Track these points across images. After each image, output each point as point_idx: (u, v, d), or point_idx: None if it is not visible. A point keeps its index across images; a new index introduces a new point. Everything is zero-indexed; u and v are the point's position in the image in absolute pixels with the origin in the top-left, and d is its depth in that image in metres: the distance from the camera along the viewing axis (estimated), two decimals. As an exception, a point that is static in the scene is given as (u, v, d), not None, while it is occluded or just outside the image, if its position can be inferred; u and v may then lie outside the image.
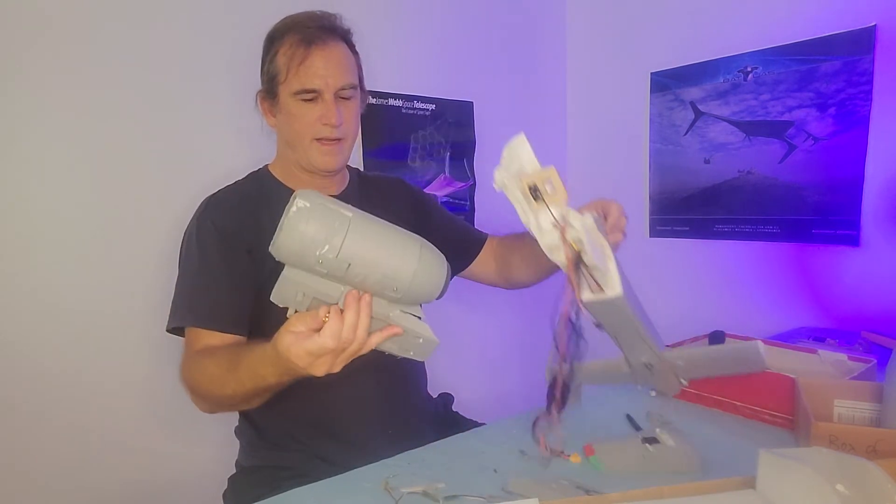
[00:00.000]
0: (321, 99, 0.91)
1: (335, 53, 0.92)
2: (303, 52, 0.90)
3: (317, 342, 0.61)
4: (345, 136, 0.95)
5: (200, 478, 1.34)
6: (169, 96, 1.28)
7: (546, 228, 0.60)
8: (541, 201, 0.60)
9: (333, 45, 0.92)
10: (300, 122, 0.92)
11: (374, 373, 0.97)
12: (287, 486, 0.77)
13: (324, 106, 0.91)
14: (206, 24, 1.32)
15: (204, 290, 0.89)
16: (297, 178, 0.99)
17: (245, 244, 0.90)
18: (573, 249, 0.59)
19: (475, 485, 0.74)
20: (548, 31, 2.08)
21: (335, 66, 0.91)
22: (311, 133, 0.93)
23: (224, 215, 0.92)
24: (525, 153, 0.62)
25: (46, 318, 1.17)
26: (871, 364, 0.98)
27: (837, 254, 1.49)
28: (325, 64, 0.90)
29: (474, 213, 1.89)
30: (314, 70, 0.90)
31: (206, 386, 0.79)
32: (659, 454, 0.77)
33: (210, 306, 0.87)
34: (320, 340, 0.61)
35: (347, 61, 0.94)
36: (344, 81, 0.92)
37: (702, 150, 1.75)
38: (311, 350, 0.61)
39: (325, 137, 0.93)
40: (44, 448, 1.18)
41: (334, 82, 0.91)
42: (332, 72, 0.91)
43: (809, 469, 0.54)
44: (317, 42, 0.90)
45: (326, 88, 0.91)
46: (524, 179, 0.60)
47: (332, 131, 0.92)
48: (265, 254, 0.65)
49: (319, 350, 0.61)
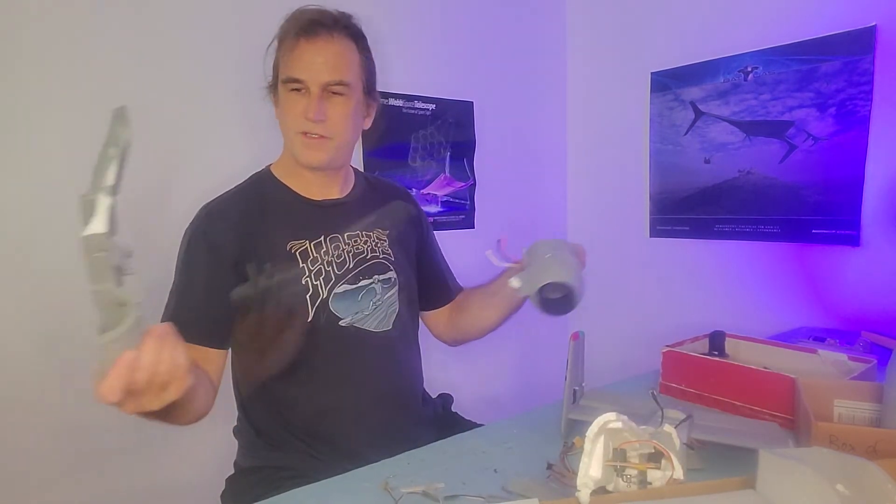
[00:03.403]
0: (306, 92, 0.91)
1: (329, 47, 0.91)
2: (292, 41, 0.90)
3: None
4: (330, 135, 0.93)
5: (199, 478, 1.33)
6: (172, 95, 1.28)
7: (590, 477, 0.60)
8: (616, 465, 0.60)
9: (328, 39, 0.91)
10: (287, 113, 0.93)
11: (371, 374, 0.98)
12: (286, 487, 0.76)
13: (308, 99, 0.91)
14: (211, 21, 1.32)
15: (185, 304, 0.90)
16: (296, 174, 0.99)
17: (232, 258, 0.90)
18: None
19: (475, 485, 0.74)
20: (548, 31, 2.08)
21: (325, 60, 0.90)
22: (296, 126, 0.92)
23: (216, 227, 0.92)
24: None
25: (45, 317, 1.17)
26: (871, 364, 0.98)
27: (837, 254, 1.49)
28: (313, 56, 0.90)
29: (474, 213, 1.89)
30: (302, 61, 0.90)
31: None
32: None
33: (190, 320, 0.86)
34: None
35: (342, 58, 0.92)
36: (332, 77, 0.91)
37: (702, 149, 1.75)
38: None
39: (307, 131, 0.92)
40: (42, 449, 1.18)
41: (320, 76, 0.90)
42: (319, 65, 0.90)
43: (809, 469, 0.54)
44: (309, 33, 0.90)
45: (312, 81, 0.90)
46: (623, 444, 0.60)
47: (313, 126, 0.91)
48: (257, 265, 0.66)
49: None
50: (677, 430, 0.63)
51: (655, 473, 0.60)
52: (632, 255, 1.99)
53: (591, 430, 0.61)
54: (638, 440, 0.60)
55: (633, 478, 0.60)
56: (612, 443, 0.60)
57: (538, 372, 2.07)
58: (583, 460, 0.60)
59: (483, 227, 1.91)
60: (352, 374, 0.96)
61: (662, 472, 0.60)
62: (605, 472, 0.60)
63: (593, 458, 0.60)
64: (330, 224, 0.98)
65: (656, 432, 0.62)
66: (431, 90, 1.75)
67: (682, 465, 0.60)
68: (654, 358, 1.12)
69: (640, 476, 0.60)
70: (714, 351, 1.15)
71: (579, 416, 0.85)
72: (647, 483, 0.60)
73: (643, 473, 0.60)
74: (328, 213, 0.99)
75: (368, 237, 1.01)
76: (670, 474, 0.59)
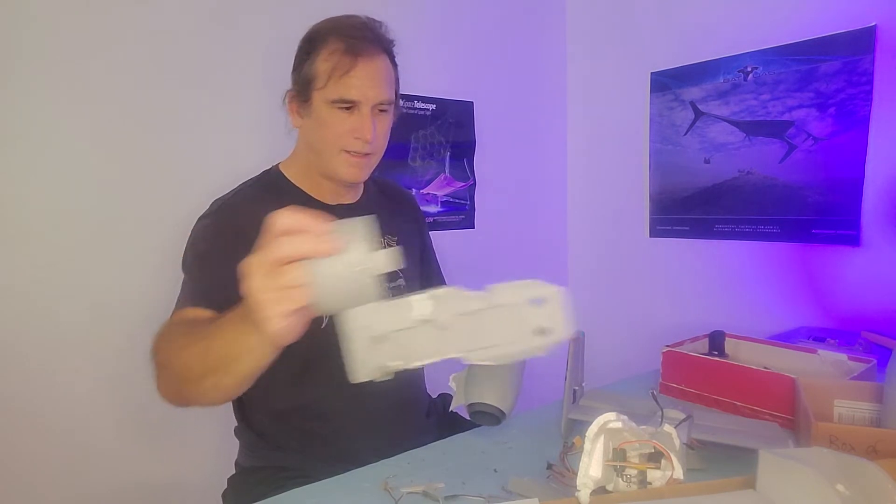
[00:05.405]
0: (357, 111, 0.89)
1: (379, 67, 0.90)
2: (348, 62, 0.87)
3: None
4: (374, 152, 0.94)
5: (200, 478, 1.34)
6: (179, 94, 1.28)
7: (590, 477, 0.60)
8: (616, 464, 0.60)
9: (378, 58, 0.90)
10: (331, 130, 0.90)
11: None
12: (287, 487, 0.76)
13: (359, 119, 0.89)
14: (219, 21, 1.32)
15: (197, 276, 0.86)
16: (315, 182, 0.98)
17: (247, 243, 0.87)
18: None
19: (475, 485, 0.74)
20: (548, 31, 2.08)
21: (377, 81, 0.90)
22: (341, 144, 0.91)
23: (237, 216, 0.89)
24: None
25: (45, 317, 1.17)
26: (871, 364, 0.98)
27: (837, 254, 1.49)
28: (368, 77, 0.89)
29: (474, 213, 1.89)
30: (357, 83, 0.88)
31: (170, 359, 0.68)
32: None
33: (200, 289, 0.83)
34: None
35: (388, 75, 0.92)
36: (383, 97, 0.91)
37: (702, 150, 1.75)
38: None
39: (356, 150, 0.91)
40: (42, 448, 1.18)
41: (374, 96, 0.89)
42: (373, 86, 0.89)
43: (809, 469, 0.54)
44: (363, 54, 0.88)
45: (365, 101, 0.89)
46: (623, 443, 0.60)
47: (364, 146, 0.91)
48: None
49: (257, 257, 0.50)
50: (677, 430, 0.63)
51: (655, 473, 0.60)
52: (632, 255, 1.99)
53: (590, 430, 0.61)
54: (638, 440, 0.60)
55: (633, 478, 0.60)
56: (612, 443, 0.60)
57: (538, 372, 2.07)
58: (583, 460, 0.60)
59: (483, 227, 1.91)
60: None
61: (662, 472, 0.60)
62: (605, 471, 0.60)
63: (593, 458, 0.60)
64: None
65: (656, 432, 0.62)
66: (431, 90, 1.75)
67: (682, 465, 0.60)
68: (654, 358, 1.12)
69: (640, 476, 0.60)
70: (714, 351, 1.16)
71: (579, 416, 0.85)
72: (647, 483, 0.60)
73: (643, 473, 0.60)
74: (341, 218, 0.98)
75: (380, 243, 1.01)
76: (670, 474, 0.59)
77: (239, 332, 0.55)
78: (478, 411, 0.79)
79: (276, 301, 0.48)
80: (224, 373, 0.59)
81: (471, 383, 0.81)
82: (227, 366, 0.58)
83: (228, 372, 0.59)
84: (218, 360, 0.59)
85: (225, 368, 0.59)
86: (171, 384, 0.69)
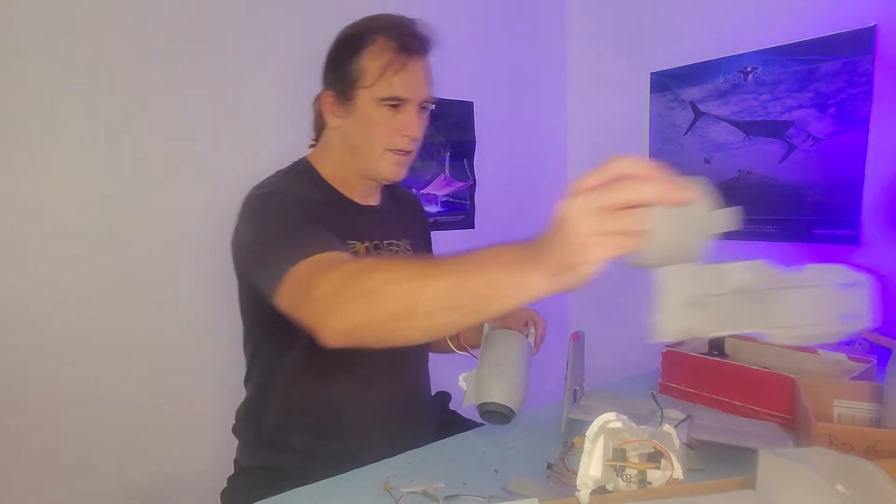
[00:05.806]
0: (404, 109, 0.89)
1: (427, 65, 0.92)
2: (403, 59, 0.87)
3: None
4: (414, 149, 0.94)
5: (199, 477, 1.34)
6: (180, 95, 1.28)
7: (590, 476, 0.59)
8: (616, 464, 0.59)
9: (426, 57, 0.92)
10: (378, 129, 0.89)
11: (380, 376, 0.97)
12: (286, 487, 0.76)
13: (407, 117, 0.89)
14: (226, 20, 1.32)
15: (301, 232, 0.76)
16: (349, 183, 0.97)
17: (314, 213, 0.82)
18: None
19: (475, 485, 0.74)
20: (548, 31, 2.08)
21: (426, 78, 0.91)
22: (387, 142, 0.90)
23: (290, 189, 0.87)
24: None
25: (46, 316, 1.17)
26: (871, 364, 0.98)
27: (837, 254, 1.49)
28: (420, 75, 0.90)
29: (474, 213, 1.90)
30: (410, 80, 0.88)
31: (387, 286, 0.57)
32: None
33: (318, 239, 0.73)
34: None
35: (430, 73, 0.93)
36: (429, 94, 0.92)
37: (702, 149, 1.75)
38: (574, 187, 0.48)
39: (401, 149, 0.91)
40: (42, 448, 1.18)
41: (422, 94, 0.90)
42: (423, 84, 0.90)
43: (809, 469, 0.54)
44: (417, 52, 0.89)
45: (414, 99, 0.89)
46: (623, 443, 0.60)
47: (410, 143, 0.91)
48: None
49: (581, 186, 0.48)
50: (677, 430, 0.63)
51: (655, 473, 0.60)
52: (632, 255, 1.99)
53: (590, 429, 0.61)
54: (638, 440, 0.60)
55: (633, 477, 0.60)
56: (612, 442, 0.60)
57: (538, 372, 2.07)
58: (582, 460, 0.60)
59: (483, 227, 1.91)
60: (359, 375, 0.96)
61: (662, 472, 0.60)
62: (605, 471, 0.60)
63: (593, 458, 0.60)
64: (372, 230, 0.97)
65: (656, 432, 0.62)
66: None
67: (682, 465, 0.60)
68: (653, 358, 1.13)
69: (640, 476, 0.60)
70: (714, 351, 1.16)
71: (579, 416, 0.85)
72: (647, 483, 0.60)
73: (643, 473, 0.60)
74: (371, 219, 0.99)
75: (398, 246, 1.02)
76: (670, 474, 0.59)
77: (516, 272, 0.50)
78: (488, 410, 0.79)
79: (604, 246, 0.46)
80: (472, 310, 0.53)
81: (481, 383, 0.81)
82: (482, 304, 0.52)
83: (481, 310, 0.52)
84: (472, 297, 0.52)
85: (477, 306, 0.52)
86: (371, 314, 0.59)
